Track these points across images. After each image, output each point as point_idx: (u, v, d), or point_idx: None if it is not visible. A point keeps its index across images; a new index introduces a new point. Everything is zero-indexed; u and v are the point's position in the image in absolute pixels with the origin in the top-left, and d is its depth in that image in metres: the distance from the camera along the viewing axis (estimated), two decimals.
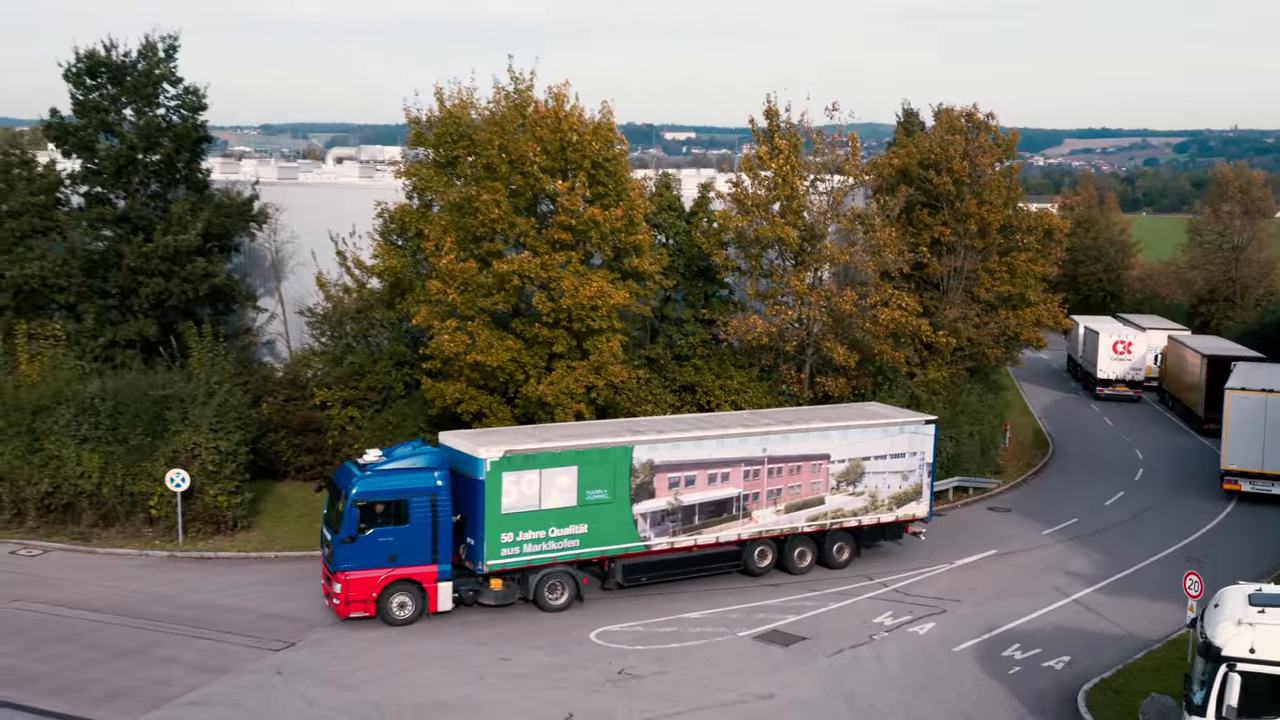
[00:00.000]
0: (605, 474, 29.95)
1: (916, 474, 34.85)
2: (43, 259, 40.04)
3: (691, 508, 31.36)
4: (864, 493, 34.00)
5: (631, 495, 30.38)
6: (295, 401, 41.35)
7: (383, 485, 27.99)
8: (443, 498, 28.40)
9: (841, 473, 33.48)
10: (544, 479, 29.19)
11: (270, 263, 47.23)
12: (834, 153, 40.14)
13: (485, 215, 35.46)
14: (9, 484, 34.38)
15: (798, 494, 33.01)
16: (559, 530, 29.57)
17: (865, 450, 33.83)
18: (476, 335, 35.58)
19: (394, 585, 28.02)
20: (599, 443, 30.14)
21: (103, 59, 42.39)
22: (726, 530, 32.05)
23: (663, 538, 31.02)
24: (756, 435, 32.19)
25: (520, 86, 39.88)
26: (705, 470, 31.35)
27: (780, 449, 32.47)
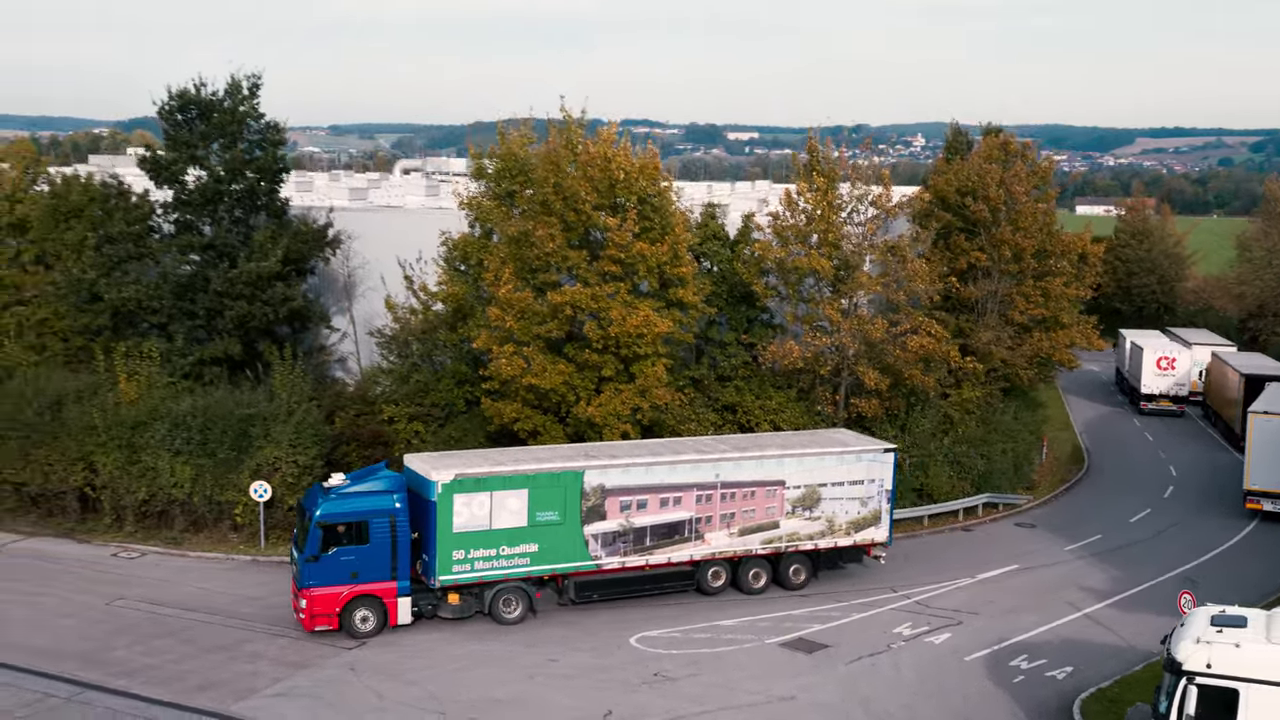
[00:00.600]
0: (556, 497, 31.81)
1: (875, 500, 36.19)
2: (137, 283, 43.75)
3: (643, 529, 33.03)
4: (821, 518, 35.37)
5: (582, 517, 32.20)
6: (365, 416, 44.56)
7: (345, 508, 30.14)
8: (401, 519, 30.46)
9: (797, 498, 34.91)
10: (494, 501, 31.09)
11: (343, 284, 50.71)
12: (868, 188, 42.45)
13: (541, 248, 38.46)
14: (110, 492, 38.04)
15: (752, 518, 34.50)
16: (510, 549, 31.53)
17: (822, 477, 35.21)
18: (532, 360, 38.58)
19: (356, 600, 30.12)
20: (549, 467, 32.00)
21: (193, 97, 46.00)
22: (679, 551, 33.68)
23: (614, 557, 32.81)
24: (709, 462, 33.82)
25: (572, 125, 42.86)
26: (657, 494, 33.02)
27: (733, 475, 34.00)
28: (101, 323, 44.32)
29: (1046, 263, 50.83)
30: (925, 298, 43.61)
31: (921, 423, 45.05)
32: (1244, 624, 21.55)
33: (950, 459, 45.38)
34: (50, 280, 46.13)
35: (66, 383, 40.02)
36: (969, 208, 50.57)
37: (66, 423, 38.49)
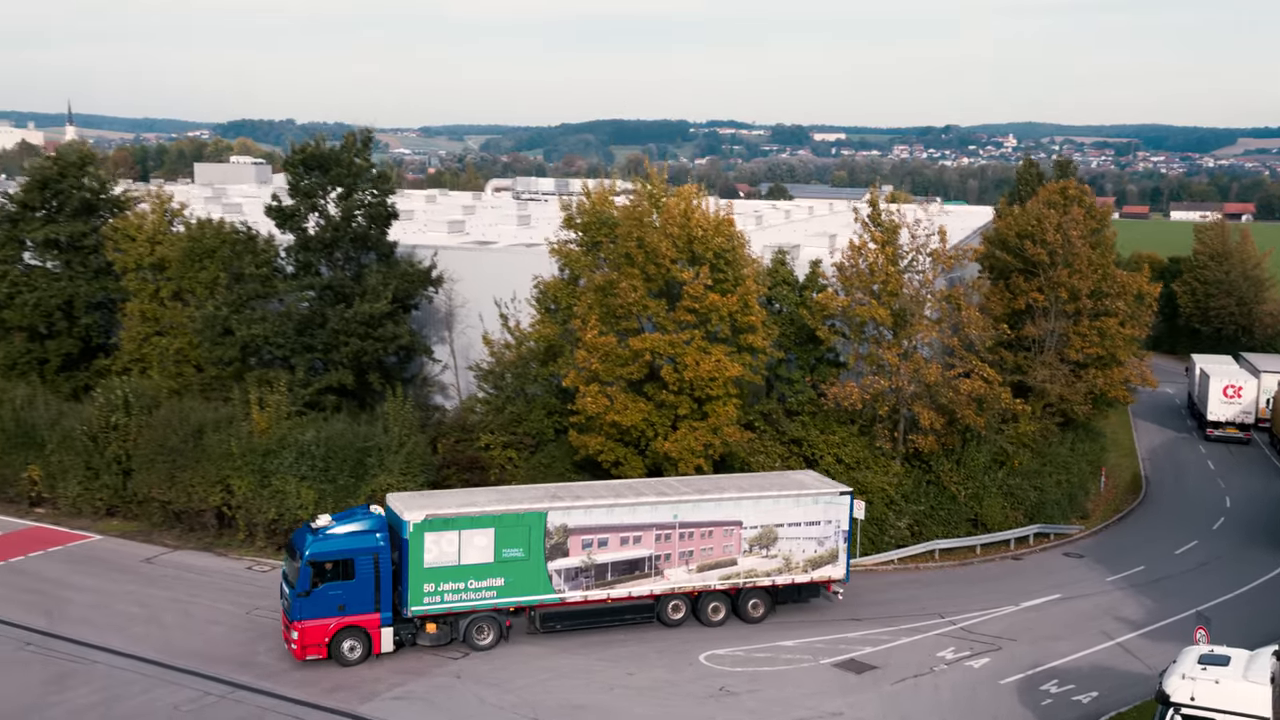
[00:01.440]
0: (521, 535, 34.67)
1: (832, 540, 38.50)
2: (264, 320, 49.00)
3: (605, 565, 35.72)
4: (778, 556, 37.72)
5: (546, 554, 35.03)
6: (463, 443, 49.27)
7: (332, 547, 32.96)
8: (384, 556, 33.33)
9: (754, 537, 37.33)
10: (462, 538, 34.01)
11: (444, 318, 55.57)
12: (926, 242, 45.88)
13: (624, 298, 42.70)
14: (244, 511, 43.23)
15: (710, 556, 36.98)
16: (477, 582, 34.43)
17: (778, 518, 37.61)
18: (615, 398, 42.86)
19: (344, 631, 32.87)
20: (514, 508, 34.83)
21: (314, 152, 51.16)
22: (639, 586, 36.29)
23: (576, 591, 35.58)
24: (667, 503, 36.40)
25: (656, 181, 47.03)
26: (617, 534, 35.70)
27: (691, 516, 36.56)
28: (232, 355, 49.63)
29: (1102, 303, 53.51)
30: (979, 343, 46.80)
31: (977, 457, 48.20)
32: (1226, 663, 24.82)
33: (1004, 491, 48.48)
34: (187, 314, 51.64)
35: (207, 413, 45.30)
36: (1027, 250, 53.50)
37: (207, 449, 43.79)
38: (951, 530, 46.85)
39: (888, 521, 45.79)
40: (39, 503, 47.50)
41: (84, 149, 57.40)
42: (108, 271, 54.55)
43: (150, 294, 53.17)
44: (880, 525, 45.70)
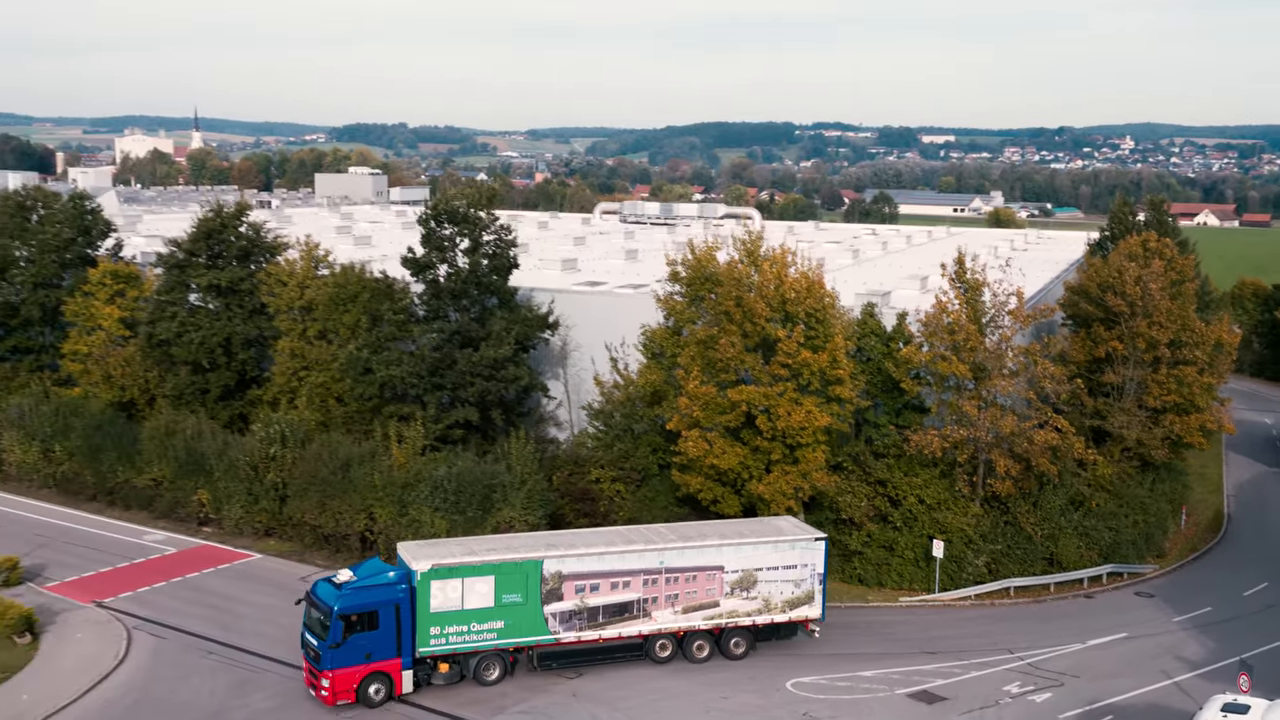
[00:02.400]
0: (518, 582, 37.74)
1: (809, 582, 41.48)
2: (400, 362, 54.64)
3: (597, 608, 38.76)
4: (758, 597, 40.71)
5: (542, 598, 38.09)
6: (576, 475, 54.25)
7: (361, 600, 36.02)
8: (404, 606, 36.38)
9: (735, 581, 40.40)
10: (465, 586, 37.11)
11: (558, 355, 60.71)
12: (1006, 300, 49.39)
13: (723, 354, 47.19)
14: (384, 536, 48.85)
15: (694, 598, 39.99)
16: (479, 625, 37.48)
17: (758, 562, 40.60)
18: (714, 443, 47.39)
19: (370, 676, 35.82)
20: (512, 557, 37.92)
21: (445, 208, 56.68)
22: (629, 627, 39.36)
23: (570, 632, 38.63)
24: (654, 550, 39.45)
25: (751, 245, 51.43)
26: (608, 579, 38.80)
27: (676, 562, 39.64)
28: (372, 392, 55.39)
29: (1181, 352, 56.07)
30: (1054, 396, 50.07)
31: (1053, 499, 51.42)
32: (1245, 711, 28.28)
33: (1080, 531, 51.59)
34: (330, 353, 57.64)
35: (352, 448, 51.11)
36: (1108, 301, 56.40)
37: (354, 480, 49.58)
38: (1027, 568, 50.18)
39: (966, 559, 49.39)
40: (206, 522, 53.96)
41: (241, 203, 63.76)
42: (261, 312, 60.80)
43: (299, 333, 59.22)
44: (959, 563, 49.34)
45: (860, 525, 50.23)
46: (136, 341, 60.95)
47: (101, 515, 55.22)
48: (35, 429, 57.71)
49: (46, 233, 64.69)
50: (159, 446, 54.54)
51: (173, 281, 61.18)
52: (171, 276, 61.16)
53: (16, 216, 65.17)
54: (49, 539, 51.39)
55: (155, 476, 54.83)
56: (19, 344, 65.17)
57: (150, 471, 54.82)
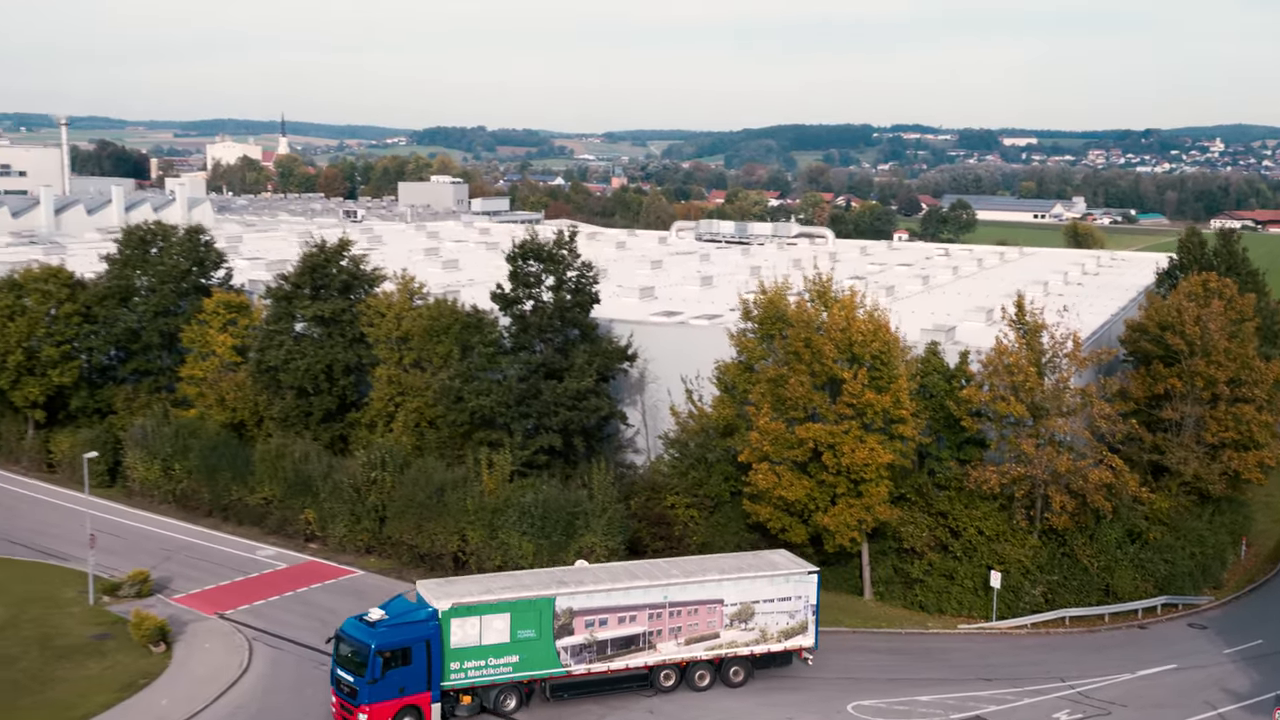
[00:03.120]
0: (532, 618, 39.92)
1: (802, 613, 43.90)
2: (489, 393, 58.60)
3: (605, 641, 41.01)
4: (755, 629, 43.14)
5: (555, 633, 40.24)
6: (652, 501, 57.71)
7: (397, 637, 38.13)
8: (435, 642, 38.54)
9: (734, 614, 42.77)
10: (483, 623, 39.28)
11: (635, 383, 64.22)
12: (1060, 347, 51.76)
13: (792, 393, 50.30)
14: (476, 557, 52.86)
15: (696, 630, 42.33)
16: (496, 660, 39.68)
17: (755, 595, 42.96)
18: (782, 475, 50.53)
19: (403, 710, 37.77)
20: (527, 595, 40.12)
21: (532, 246, 60.51)
22: (635, 659, 41.56)
23: (581, 665, 40.85)
24: (658, 586, 41.71)
25: (822, 285, 54.43)
26: (616, 614, 41.02)
27: (679, 596, 41.95)
28: (463, 419, 59.47)
29: (1240, 390, 57.77)
30: (1110, 435, 52.28)
31: (1110, 533, 53.62)
32: None
33: (1136, 564, 53.70)
34: (424, 380, 61.82)
35: (446, 474, 55.17)
36: (1167, 339, 58.32)
37: (448, 505, 53.65)
38: (1083, 599, 52.48)
39: (1023, 589, 51.88)
40: (312, 539, 58.49)
41: (343, 240, 68.28)
42: (361, 340, 65.18)
43: (395, 361, 63.53)
44: (1016, 592, 51.85)
45: (922, 554, 53.01)
46: (247, 367, 65.78)
47: (217, 530, 60.08)
48: (157, 448, 62.79)
49: (165, 264, 69.92)
50: (270, 468, 59.23)
51: (280, 312, 65.91)
52: (279, 307, 65.89)
53: (139, 249, 70.48)
54: (172, 552, 56.28)
55: (266, 495, 59.54)
56: (139, 367, 70.45)
57: (262, 490, 59.55)
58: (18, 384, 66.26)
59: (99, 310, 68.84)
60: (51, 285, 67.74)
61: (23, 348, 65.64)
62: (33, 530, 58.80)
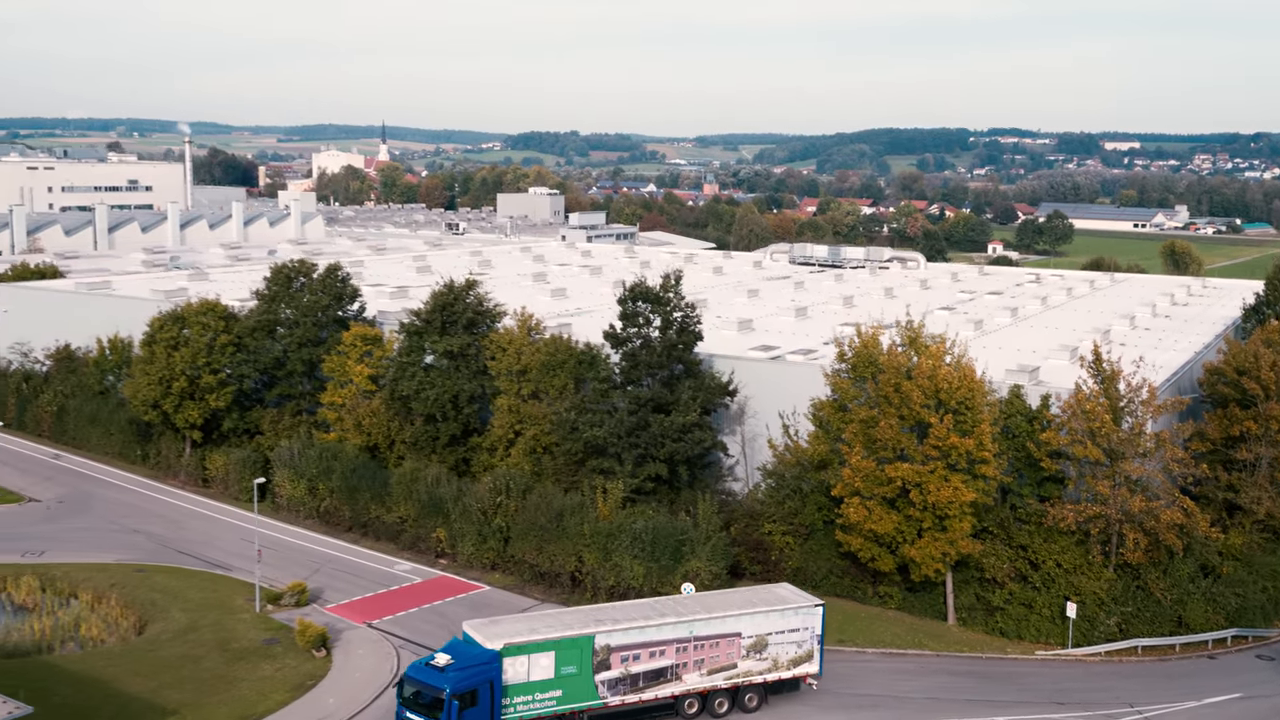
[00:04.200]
0: (574, 655, 43.34)
1: (809, 642, 47.86)
2: (601, 425, 64.17)
3: (638, 675, 44.51)
4: (768, 658, 46.93)
5: (594, 669, 43.65)
6: (750, 528, 62.67)
7: (468, 680, 41.14)
8: (496, 682, 41.67)
9: (750, 645, 46.57)
10: (531, 661, 42.62)
11: (735, 414, 69.26)
12: (1136, 394, 55.50)
13: (883, 435, 54.93)
14: (591, 577, 58.45)
15: (717, 661, 46.03)
16: (541, 695, 42.99)
17: (768, 628, 46.89)
18: (872, 510, 55.17)
19: None
20: (570, 634, 43.53)
21: (641, 289, 65.93)
22: (663, 689, 45.21)
23: (616, 697, 44.33)
24: (684, 622, 45.38)
25: (913, 332, 58.91)
26: (647, 649, 44.65)
27: (703, 631, 45.67)
28: (578, 448, 65.16)
29: None
30: (1181, 479, 55.81)
31: (1182, 567, 57.09)
32: None
33: (1207, 597, 57.07)
34: (542, 411, 67.65)
35: (565, 500, 60.90)
36: (1244, 384, 61.48)
37: (566, 528, 59.36)
38: (1156, 629, 56.09)
39: (1098, 619, 55.69)
40: (442, 555, 64.75)
41: (469, 280, 74.49)
42: (484, 372, 71.35)
43: (515, 392, 69.53)
44: (1091, 622, 55.69)
45: (1002, 584, 57.13)
46: (381, 395, 72.44)
47: (356, 545, 66.71)
48: (303, 469, 69.73)
49: (307, 299, 77.03)
50: (405, 490, 65.66)
51: (412, 345, 72.44)
52: (411, 341, 72.42)
53: (284, 285, 77.70)
54: (319, 565, 62.98)
55: (402, 515, 65.98)
56: (283, 392, 77.73)
57: (398, 510, 66.01)
58: (180, 407, 73.77)
59: (249, 341, 76.18)
60: (209, 318, 75.18)
61: (185, 375, 73.09)
62: (197, 542, 66.06)
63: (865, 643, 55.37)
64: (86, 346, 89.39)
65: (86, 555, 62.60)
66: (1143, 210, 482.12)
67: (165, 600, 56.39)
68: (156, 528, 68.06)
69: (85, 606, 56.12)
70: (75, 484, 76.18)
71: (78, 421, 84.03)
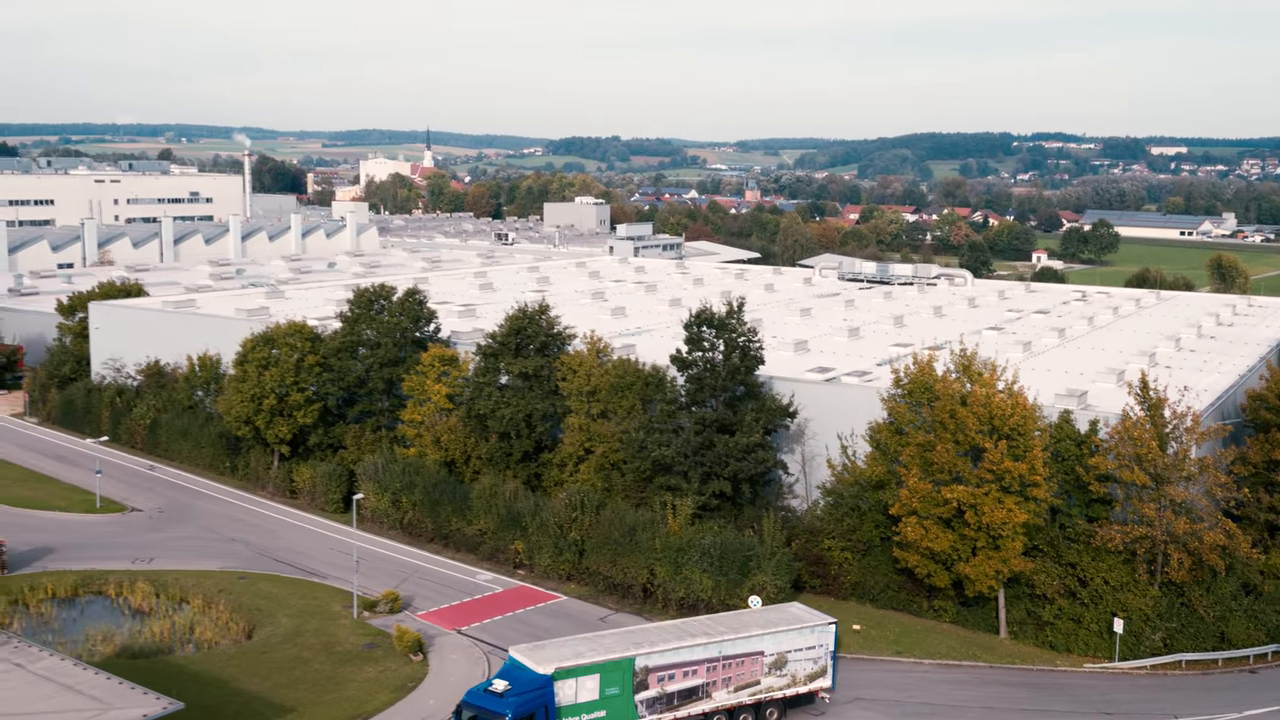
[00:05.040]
0: (617, 677, 45.89)
1: (823, 659, 51.33)
2: (669, 444, 68.04)
3: (673, 694, 47.52)
4: (787, 674, 50.30)
5: (634, 689, 46.32)
6: (810, 543, 66.28)
7: (527, 705, 43.37)
8: (550, 706, 44.05)
9: (772, 662, 49.83)
10: (578, 683, 45.13)
11: (794, 433, 72.91)
12: (1180, 421, 58.59)
13: (939, 458, 58.40)
14: (662, 589, 62.32)
15: (743, 679, 49.15)
16: (588, 715, 45.34)
17: (787, 646, 50.24)
18: (929, 529, 58.64)
19: None
20: (613, 657, 46.05)
21: (706, 315, 69.74)
22: (695, 707, 48.09)
23: (653, 715, 46.97)
24: (714, 643, 48.57)
25: (967, 359, 62.32)
26: (681, 669, 47.64)
27: (731, 650, 48.84)
28: (646, 466, 69.08)
29: None
30: (1224, 502, 58.82)
31: (1225, 585, 60.08)
32: None
33: (1250, 614, 60.00)
34: (610, 429, 71.62)
35: (636, 515, 64.85)
36: None
37: (638, 542, 63.30)
38: (1199, 644, 59.10)
39: (1144, 634, 58.82)
40: (519, 566, 68.93)
41: (542, 304, 78.68)
42: (555, 392, 75.50)
43: (584, 411, 73.60)
44: (1137, 637, 58.81)
45: (1052, 600, 60.36)
46: (458, 413, 76.78)
47: (439, 555, 71.04)
48: (387, 483, 74.18)
49: (387, 321, 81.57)
50: (485, 504, 69.92)
51: (488, 366, 76.78)
52: (487, 362, 76.77)
53: (366, 307, 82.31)
54: (406, 574, 67.34)
55: (481, 527, 70.23)
56: (364, 409, 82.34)
57: (478, 523, 70.28)
58: (271, 424, 78.52)
59: (334, 361, 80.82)
60: (297, 339, 79.88)
61: (275, 393, 77.82)
62: (290, 550, 70.69)
63: (922, 654, 58.89)
64: (174, 362, 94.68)
65: (191, 563, 67.37)
66: (1189, 218, 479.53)
67: (269, 606, 60.90)
68: (252, 537, 72.78)
69: (197, 611, 60.80)
70: (172, 495, 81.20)
71: (170, 434, 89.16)
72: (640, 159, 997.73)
